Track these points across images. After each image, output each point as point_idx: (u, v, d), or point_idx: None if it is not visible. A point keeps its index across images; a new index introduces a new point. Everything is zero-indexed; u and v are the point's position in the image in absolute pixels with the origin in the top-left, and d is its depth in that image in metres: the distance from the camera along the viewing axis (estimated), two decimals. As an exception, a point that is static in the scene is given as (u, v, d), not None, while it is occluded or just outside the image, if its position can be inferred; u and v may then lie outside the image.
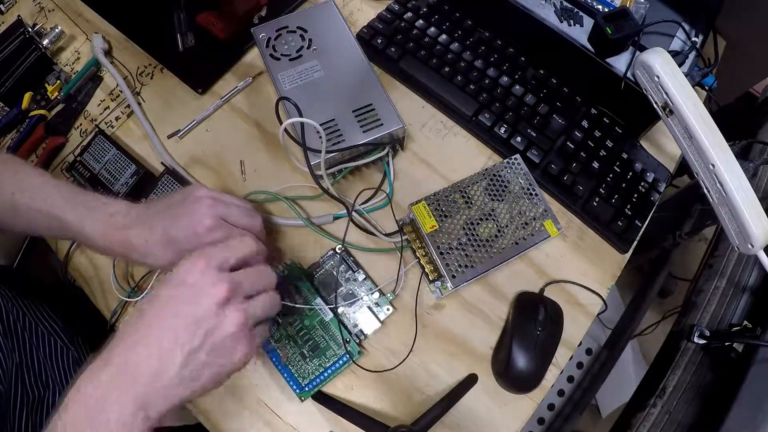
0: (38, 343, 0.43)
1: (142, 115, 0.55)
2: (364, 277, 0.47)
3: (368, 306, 0.47)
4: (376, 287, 0.47)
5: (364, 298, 0.47)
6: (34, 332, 0.43)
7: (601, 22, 0.48)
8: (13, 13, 0.62)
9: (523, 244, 0.45)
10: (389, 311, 0.46)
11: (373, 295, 0.47)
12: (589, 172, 0.53)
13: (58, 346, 0.44)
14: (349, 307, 0.47)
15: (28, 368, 0.41)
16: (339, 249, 0.48)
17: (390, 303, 0.47)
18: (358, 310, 0.46)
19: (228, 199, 0.42)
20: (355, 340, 0.45)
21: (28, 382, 0.40)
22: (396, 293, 0.47)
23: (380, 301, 0.47)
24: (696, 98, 0.42)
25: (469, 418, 0.45)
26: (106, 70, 0.57)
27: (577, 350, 0.79)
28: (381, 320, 0.46)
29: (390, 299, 0.47)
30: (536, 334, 0.44)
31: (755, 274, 0.54)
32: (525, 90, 0.55)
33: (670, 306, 0.96)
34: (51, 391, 0.41)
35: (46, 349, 0.43)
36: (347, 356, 0.44)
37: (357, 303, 0.47)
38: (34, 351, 0.42)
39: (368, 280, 0.47)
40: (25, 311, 0.43)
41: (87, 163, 0.52)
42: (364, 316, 0.46)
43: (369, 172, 0.53)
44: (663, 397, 0.49)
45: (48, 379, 0.42)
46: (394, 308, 0.47)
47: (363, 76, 0.50)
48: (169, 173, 0.51)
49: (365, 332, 0.46)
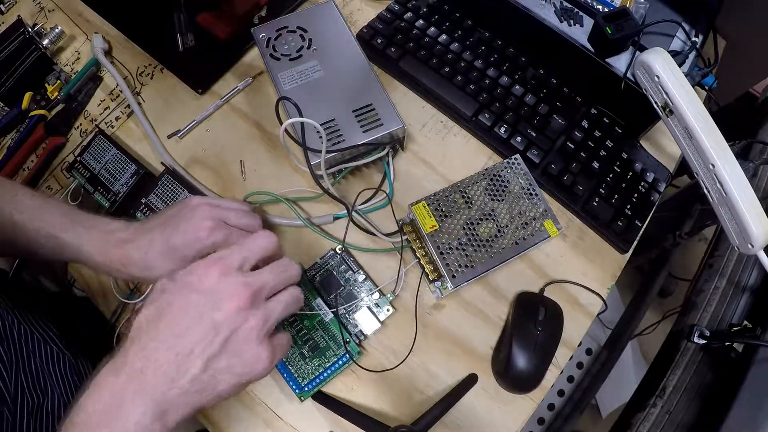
0: (35, 350, 0.43)
1: (141, 115, 0.55)
2: (364, 277, 0.47)
3: (368, 306, 0.47)
4: (376, 288, 0.47)
5: (364, 298, 0.47)
6: (30, 339, 0.43)
7: (601, 22, 0.48)
8: (13, 13, 0.63)
9: (523, 244, 0.45)
10: (389, 312, 0.46)
11: (373, 295, 0.47)
12: (589, 172, 0.53)
13: (55, 353, 0.44)
14: (349, 307, 0.47)
15: (26, 374, 0.41)
16: (339, 249, 0.48)
17: (390, 303, 0.47)
18: (358, 311, 0.46)
19: (225, 203, 0.42)
20: (354, 341, 0.45)
21: (27, 388, 0.40)
22: (396, 294, 0.47)
23: (380, 302, 0.47)
24: (696, 98, 0.42)
25: (469, 418, 0.45)
26: (106, 70, 0.57)
27: (577, 350, 0.79)
28: (381, 321, 0.46)
29: (390, 300, 0.47)
30: (536, 334, 0.44)
31: (755, 274, 0.54)
32: (525, 90, 0.55)
33: (670, 306, 0.96)
34: (50, 398, 0.41)
35: (42, 357, 0.43)
36: (347, 356, 0.44)
37: (357, 303, 0.47)
38: (31, 357, 0.42)
39: (368, 281, 0.47)
40: (20, 319, 0.43)
41: (87, 163, 0.52)
42: (364, 316, 0.46)
43: (369, 172, 0.53)
44: (663, 397, 0.49)
45: (46, 386, 0.42)
46: (394, 309, 0.47)
47: (363, 76, 0.50)
48: (169, 173, 0.51)
49: (365, 332, 0.46)
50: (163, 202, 0.50)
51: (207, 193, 0.51)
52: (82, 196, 0.52)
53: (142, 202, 0.50)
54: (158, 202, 0.50)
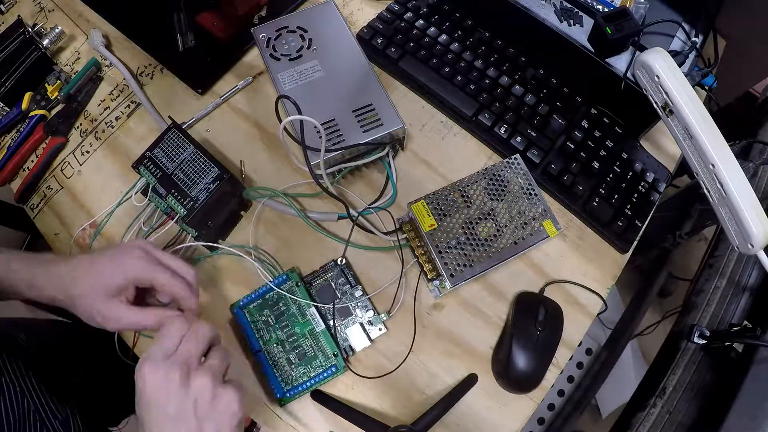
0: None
1: (149, 104, 0.55)
2: (361, 293, 0.47)
3: (361, 323, 0.46)
4: (372, 306, 0.47)
5: (359, 314, 0.46)
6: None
7: (601, 22, 0.48)
8: (13, 13, 0.63)
9: (522, 243, 0.45)
10: (381, 331, 0.46)
11: (368, 312, 0.46)
12: (589, 172, 0.53)
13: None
14: (342, 320, 0.46)
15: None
16: (340, 261, 0.48)
17: (383, 323, 0.46)
18: (350, 325, 0.46)
19: (161, 252, 0.42)
20: (342, 355, 0.45)
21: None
22: (391, 314, 0.47)
23: (374, 320, 0.46)
24: (696, 98, 0.42)
25: (469, 418, 0.45)
26: (109, 62, 0.58)
27: (577, 350, 0.80)
28: (372, 339, 0.46)
29: (383, 320, 0.46)
30: (536, 334, 0.44)
31: (755, 274, 0.54)
32: (525, 90, 0.55)
33: (670, 306, 0.96)
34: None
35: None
36: (334, 368, 0.44)
37: (350, 318, 0.46)
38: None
39: (365, 297, 0.47)
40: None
41: (158, 161, 0.47)
42: (356, 332, 0.46)
43: (369, 172, 0.53)
44: (663, 397, 0.49)
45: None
46: (386, 329, 0.46)
47: (363, 76, 0.50)
48: (175, 127, 0.48)
49: (354, 348, 0.46)
50: (168, 158, 0.47)
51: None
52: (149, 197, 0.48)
53: (147, 155, 0.48)
54: (163, 157, 0.47)
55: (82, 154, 0.55)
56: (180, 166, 0.47)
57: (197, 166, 0.47)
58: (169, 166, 0.47)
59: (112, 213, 0.51)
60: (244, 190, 0.50)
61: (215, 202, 0.47)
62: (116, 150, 0.55)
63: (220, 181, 0.46)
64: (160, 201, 0.47)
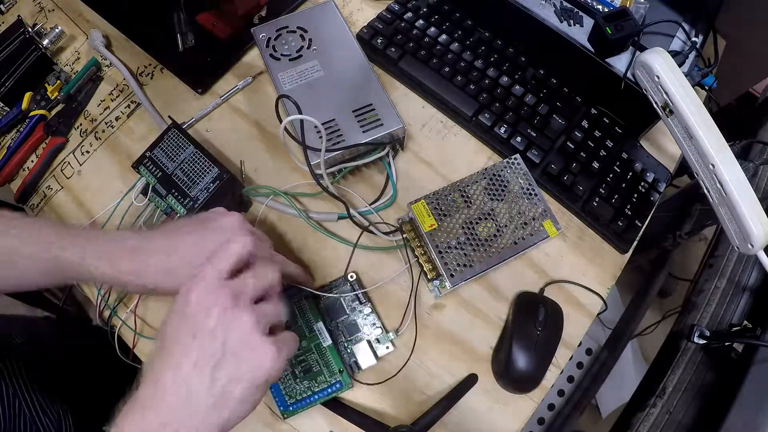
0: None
1: (148, 104, 0.55)
2: (370, 311, 0.46)
3: (368, 340, 0.46)
4: (381, 324, 0.46)
5: (367, 332, 0.46)
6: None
7: (601, 22, 0.48)
8: (13, 13, 0.63)
9: (522, 243, 0.45)
10: (388, 350, 0.46)
11: (376, 330, 0.46)
12: (589, 172, 0.53)
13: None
14: (350, 337, 0.46)
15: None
16: (351, 277, 0.47)
17: (391, 342, 0.46)
18: (357, 342, 0.46)
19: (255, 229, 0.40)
20: (348, 372, 0.44)
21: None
22: (399, 333, 0.46)
23: (381, 338, 0.46)
24: (696, 98, 0.42)
25: (469, 418, 0.45)
26: (109, 62, 0.58)
27: (577, 350, 0.80)
28: (378, 356, 0.45)
29: (391, 338, 0.46)
30: (536, 334, 0.44)
31: (755, 274, 0.54)
32: (525, 90, 0.55)
33: (670, 306, 0.96)
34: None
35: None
36: (339, 384, 0.43)
37: (358, 335, 0.46)
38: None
39: (374, 315, 0.46)
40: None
41: (158, 161, 0.47)
42: (363, 349, 0.45)
43: (369, 172, 0.53)
44: (663, 397, 0.49)
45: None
46: (394, 347, 0.46)
47: (363, 76, 0.50)
48: (175, 127, 0.48)
49: (360, 365, 0.45)
50: (168, 158, 0.47)
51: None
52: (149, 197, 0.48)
53: (147, 155, 0.47)
54: (163, 157, 0.47)
55: (82, 154, 0.55)
56: (180, 166, 0.47)
57: (197, 166, 0.47)
58: (169, 166, 0.47)
59: (112, 213, 0.51)
60: (244, 190, 0.50)
61: (215, 202, 0.46)
62: (116, 150, 0.55)
63: (220, 180, 0.46)
64: (160, 201, 0.47)
